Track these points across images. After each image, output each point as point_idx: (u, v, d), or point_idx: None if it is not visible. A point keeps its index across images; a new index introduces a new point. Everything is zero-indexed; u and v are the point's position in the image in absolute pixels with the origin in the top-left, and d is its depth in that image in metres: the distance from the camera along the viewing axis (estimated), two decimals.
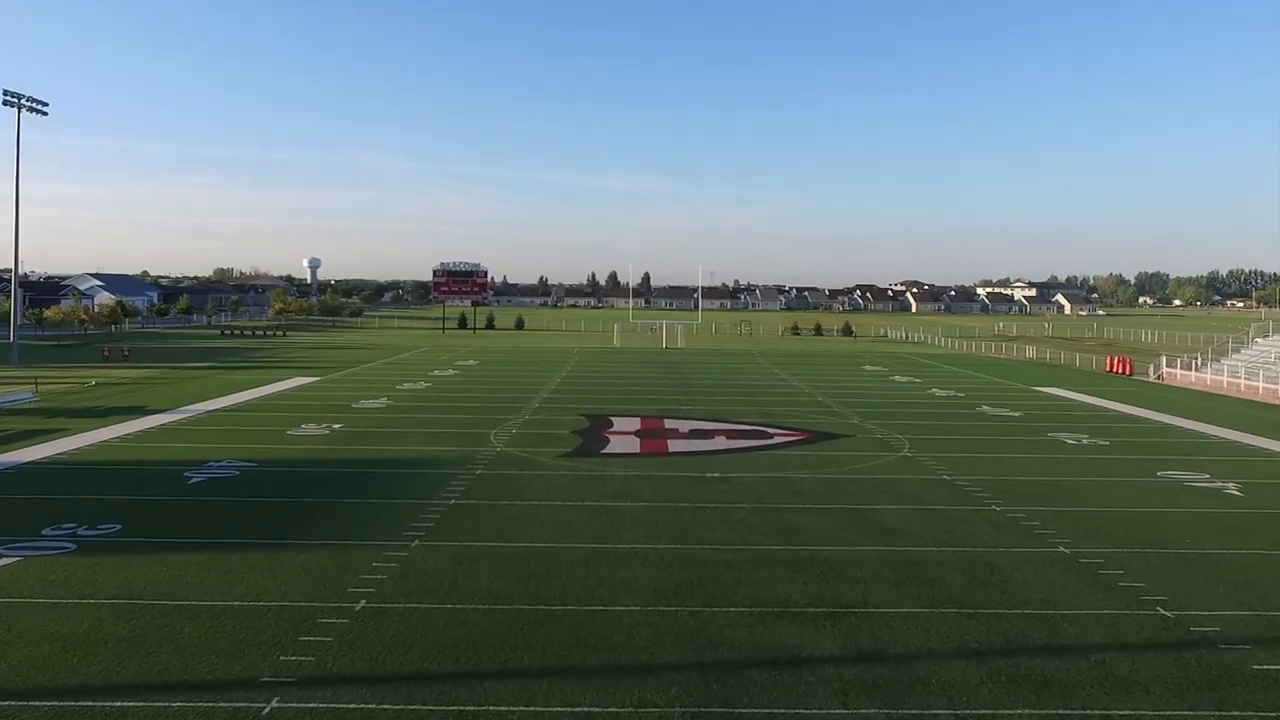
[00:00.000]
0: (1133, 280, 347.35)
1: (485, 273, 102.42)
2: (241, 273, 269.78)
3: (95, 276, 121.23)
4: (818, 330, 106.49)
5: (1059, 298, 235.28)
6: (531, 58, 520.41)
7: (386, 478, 21.67)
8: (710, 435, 28.71)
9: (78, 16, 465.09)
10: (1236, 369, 47.37)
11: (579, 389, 41.65)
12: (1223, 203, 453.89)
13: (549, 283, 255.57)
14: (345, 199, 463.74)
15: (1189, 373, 50.78)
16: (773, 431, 29.77)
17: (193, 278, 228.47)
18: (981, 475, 22.71)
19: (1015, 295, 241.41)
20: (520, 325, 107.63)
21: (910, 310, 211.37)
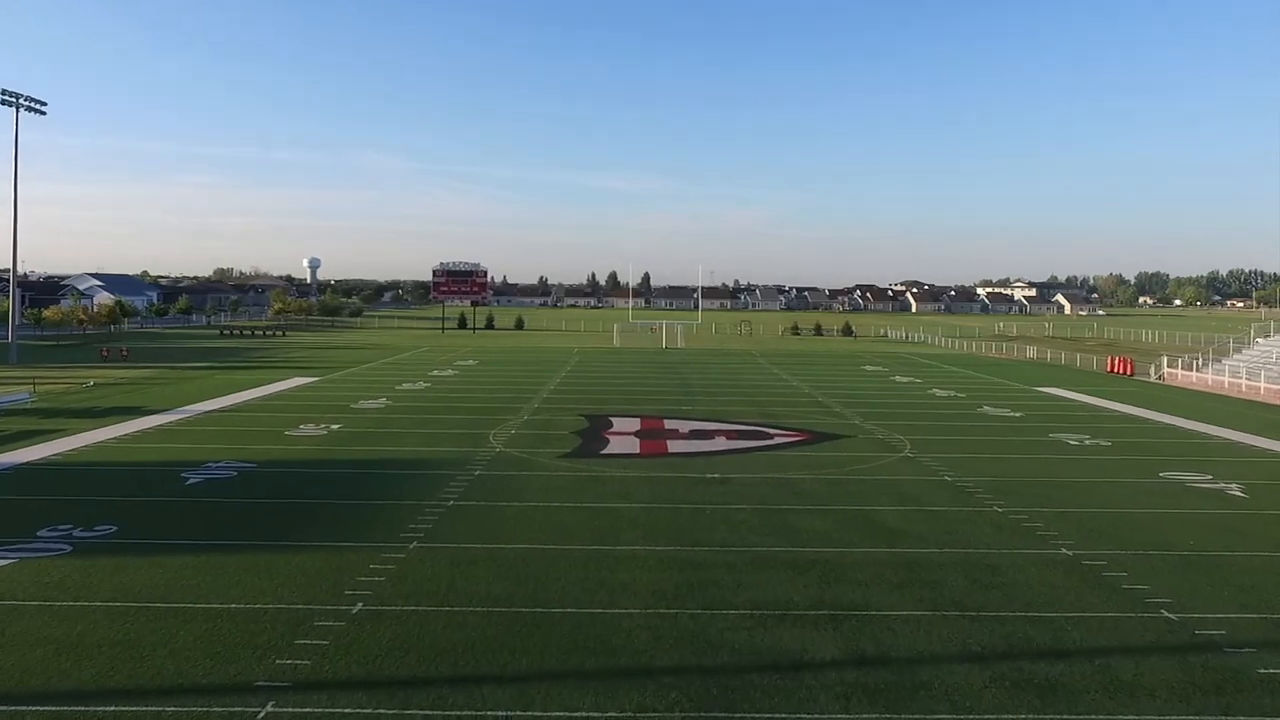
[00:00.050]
0: (1133, 280, 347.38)
1: (485, 273, 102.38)
2: (241, 273, 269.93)
3: (94, 276, 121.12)
4: (818, 330, 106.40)
5: (1059, 298, 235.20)
6: (531, 58, 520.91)
7: (385, 479, 21.56)
8: (710, 436, 28.60)
9: (78, 16, 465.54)
10: (1238, 369, 47.26)
11: (578, 389, 41.54)
12: (1223, 203, 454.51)
13: (549, 283, 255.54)
14: (345, 199, 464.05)
15: (1190, 373, 50.66)
16: (773, 432, 29.65)
17: (192, 278, 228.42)
18: (983, 476, 22.61)
19: (1015, 295, 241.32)
20: (520, 325, 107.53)
21: (910, 310, 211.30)
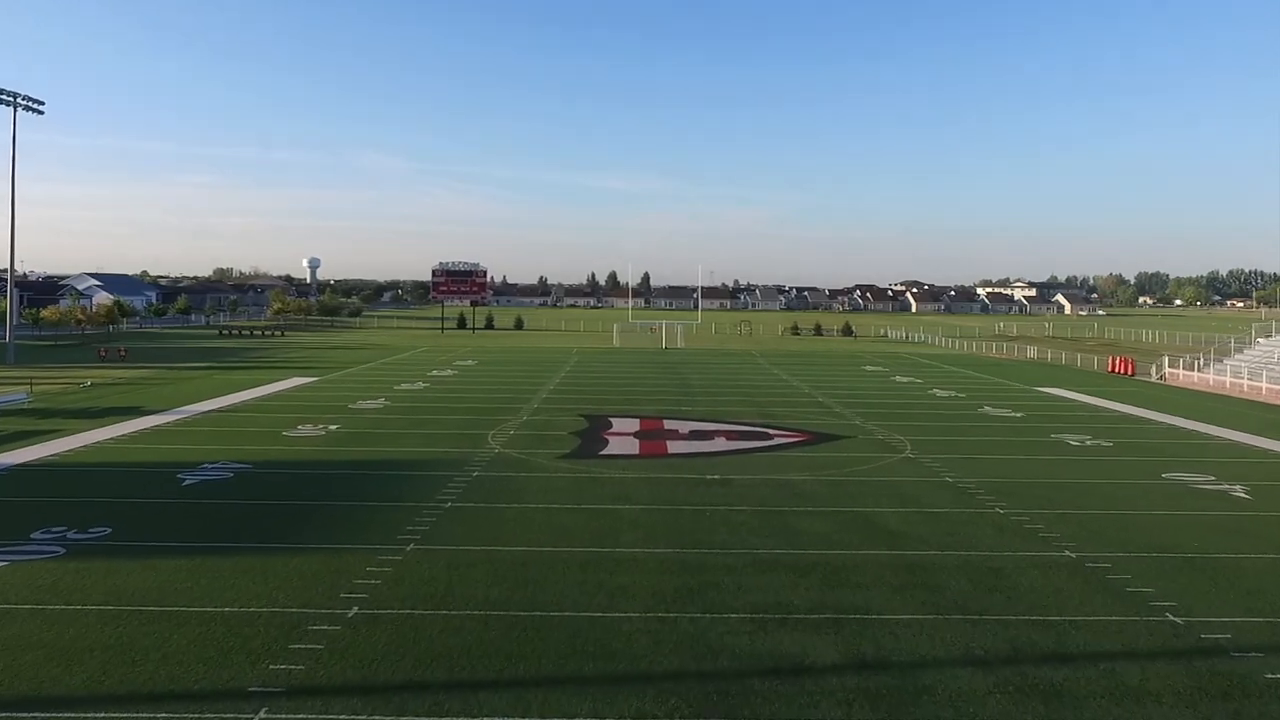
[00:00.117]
0: (1133, 280, 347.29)
1: (484, 272, 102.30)
2: (241, 273, 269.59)
3: (93, 276, 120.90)
4: (818, 330, 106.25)
5: (1059, 298, 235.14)
6: (531, 58, 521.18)
7: (383, 480, 21.41)
8: (710, 436, 28.45)
9: (78, 16, 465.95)
10: (1239, 369, 47.12)
11: (578, 389, 41.39)
12: (1223, 203, 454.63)
13: (548, 282, 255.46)
14: (345, 199, 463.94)
15: (1191, 373, 50.52)
16: (773, 432, 29.51)
17: (192, 278, 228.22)
18: (984, 477, 22.46)
19: (1015, 295, 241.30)
20: (519, 325, 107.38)
21: (910, 310, 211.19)
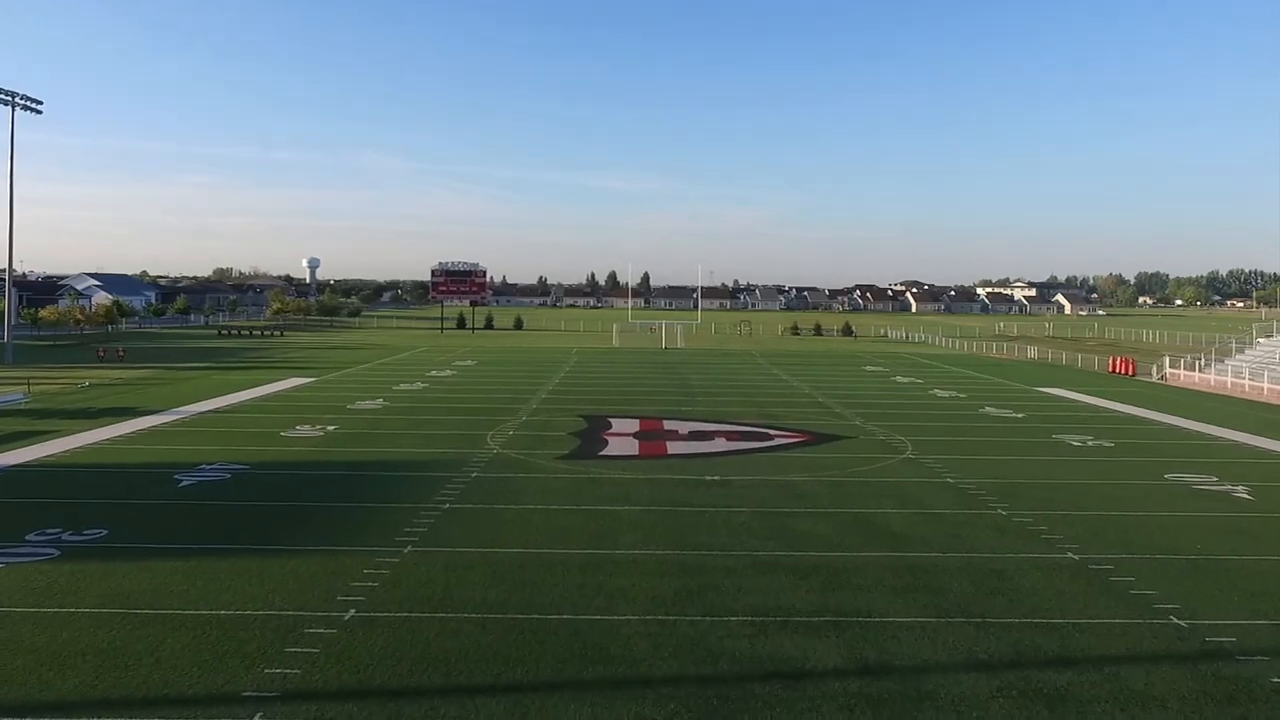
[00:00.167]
0: (1133, 280, 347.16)
1: (484, 272, 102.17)
2: (241, 273, 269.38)
3: (92, 276, 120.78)
4: (818, 330, 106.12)
5: (1059, 298, 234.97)
6: (531, 58, 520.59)
7: (381, 481, 21.29)
8: (710, 437, 28.32)
9: (78, 16, 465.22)
10: (1240, 369, 46.99)
11: (577, 390, 41.26)
12: (1223, 203, 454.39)
13: (548, 282, 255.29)
14: (345, 199, 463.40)
15: (1192, 373, 50.39)
16: (773, 433, 29.38)
17: (192, 278, 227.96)
18: (985, 478, 22.34)
19: (1015, 295, 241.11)
20: (519, 325, 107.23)
21: (910, 310, 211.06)
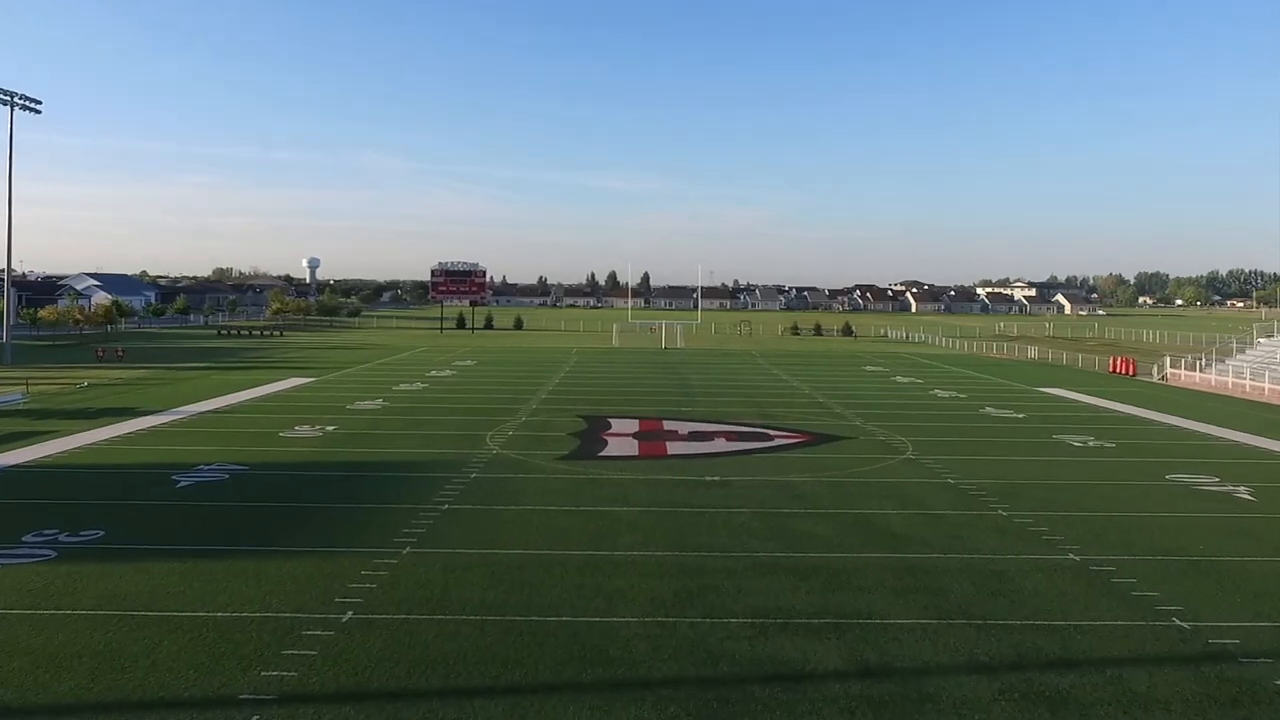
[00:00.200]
0: (1132, 280, 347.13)
1: (483, 272, 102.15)
2: (240, 273, 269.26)
3: (92, 276, 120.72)
4: (817, 330, 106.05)
5: (1059, 298, 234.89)
6: (531, 58, 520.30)
7: (379, 481, 21.22)
8: (710, 437, 28.25)
9: (78, 16, 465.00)
10: (1241, 370, 46.93)
11: (577, 390, 41.19)
12: (1223, 203, 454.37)
13: (548, 282, 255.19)
14: (345, 199, 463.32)
15: (1193, 373, 50.32)
16: (773, 433, 29.31)
17: (191, 277, 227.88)
18: (986, 478, 22.26)
19: (1015, 295, 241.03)
20: (519, 325, 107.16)
21: (910, 310, 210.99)
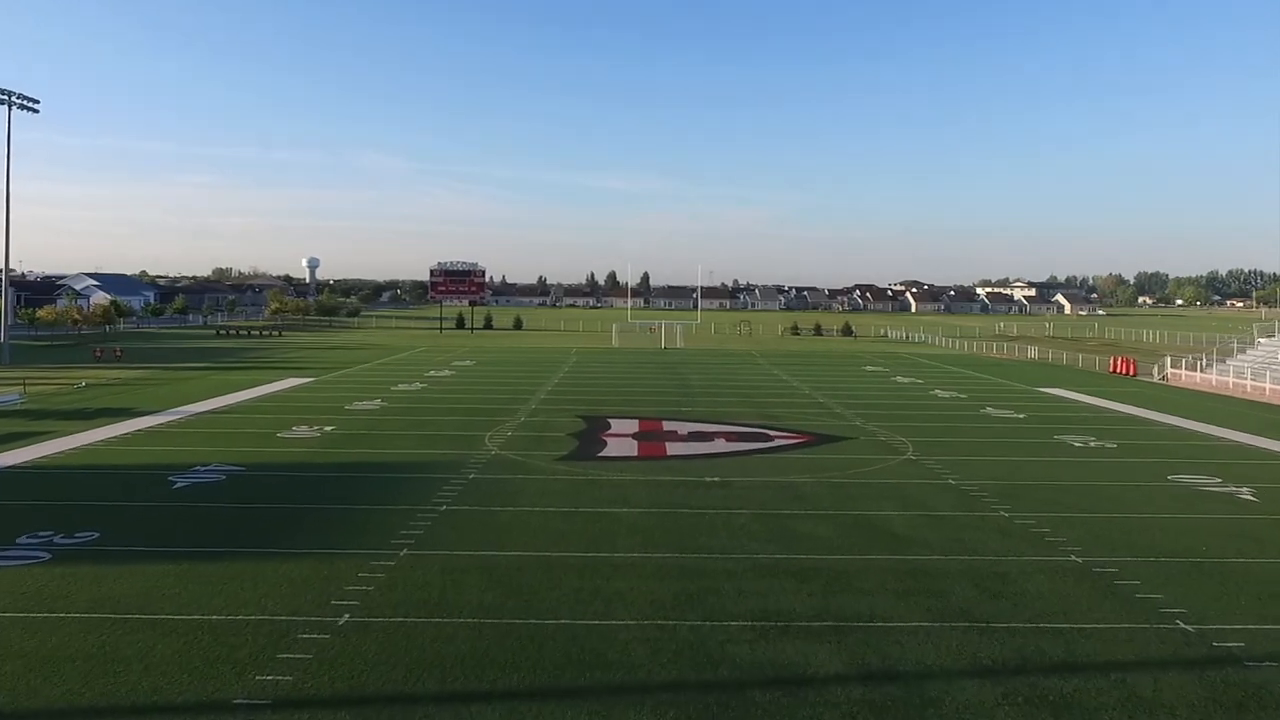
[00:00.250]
0: (1132, 280, 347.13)
1: (483, 272, 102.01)
2: (240, 273, 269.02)
3: (91, 276, 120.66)
4: (817, 330, 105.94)
5: (1059, 298, 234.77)
6: (531, 58, 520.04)
7: (377, 482, 21.10)
8: (710, 438, 28.12)
9: (78, 16, 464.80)
10: (1242, 370, 46.81)
11: (576, 390, 41.06)
12: (1223, 203, 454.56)
13: (548, 282, 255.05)
14: (345, 199, 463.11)
15: (1194, 373, 50.20)
16: (773, 434, 29.19)
17: (191, 277, 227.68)
18: (988, 479, 22.14)
19: (1015, 295, 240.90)
20: (518, 325, 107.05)
21: (910, 310, 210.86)
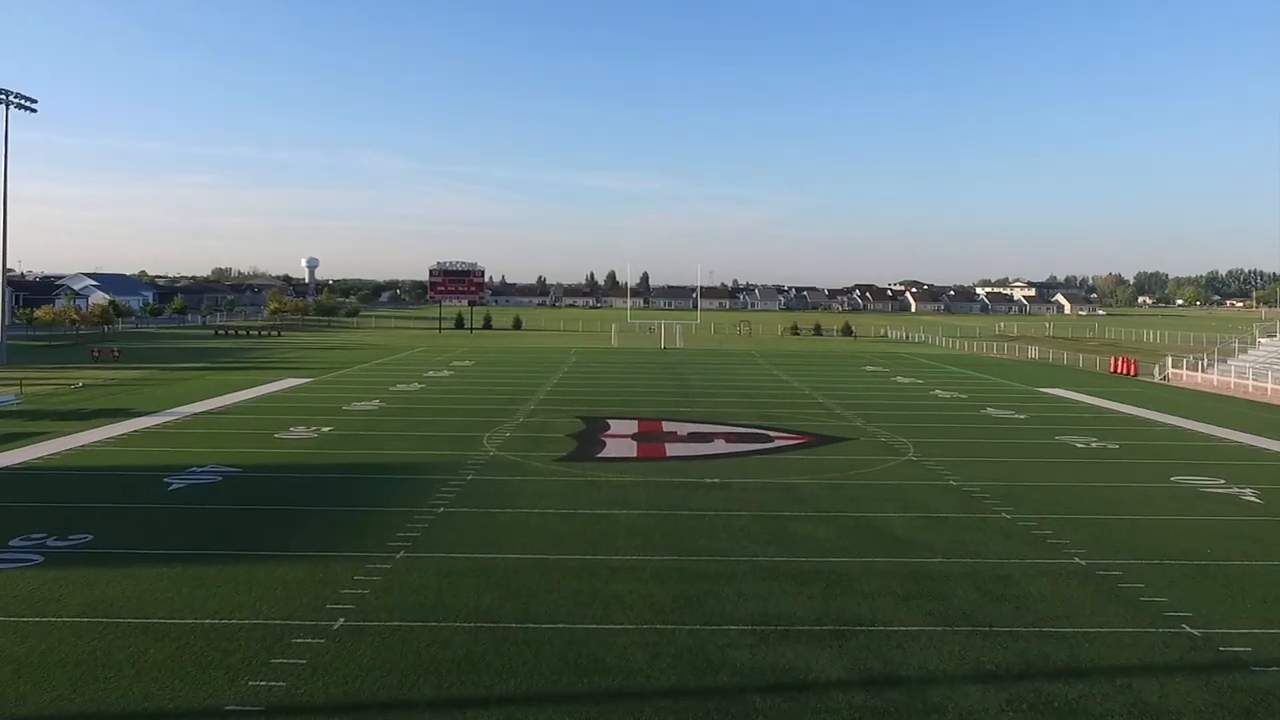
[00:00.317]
0: (1132, 280, 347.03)
1: (482, 272, 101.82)
2: (240, 273, 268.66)
3: (89, 276, 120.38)
4: (817, 330, 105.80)
5: (1059, 298, 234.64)
6: (531, 58, 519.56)
7: (375, 484, 20.95)
8: (709, 439, 27.98)
9: (78, 16, 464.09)
10: (1243, 370, 46.68)
11: (576, 390, 40.92)
12: (1223, 203, 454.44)
13: (547, 282, 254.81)
14: (345, 199, 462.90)
15: (1195, 373, 50.06)
16: (773, 434, 29.04)
17: (191, 277, 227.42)
18: (989, 480, 22.00)
19: (1015, 295, 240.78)
20: (517, 325, 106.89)
21: (910, 310, 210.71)
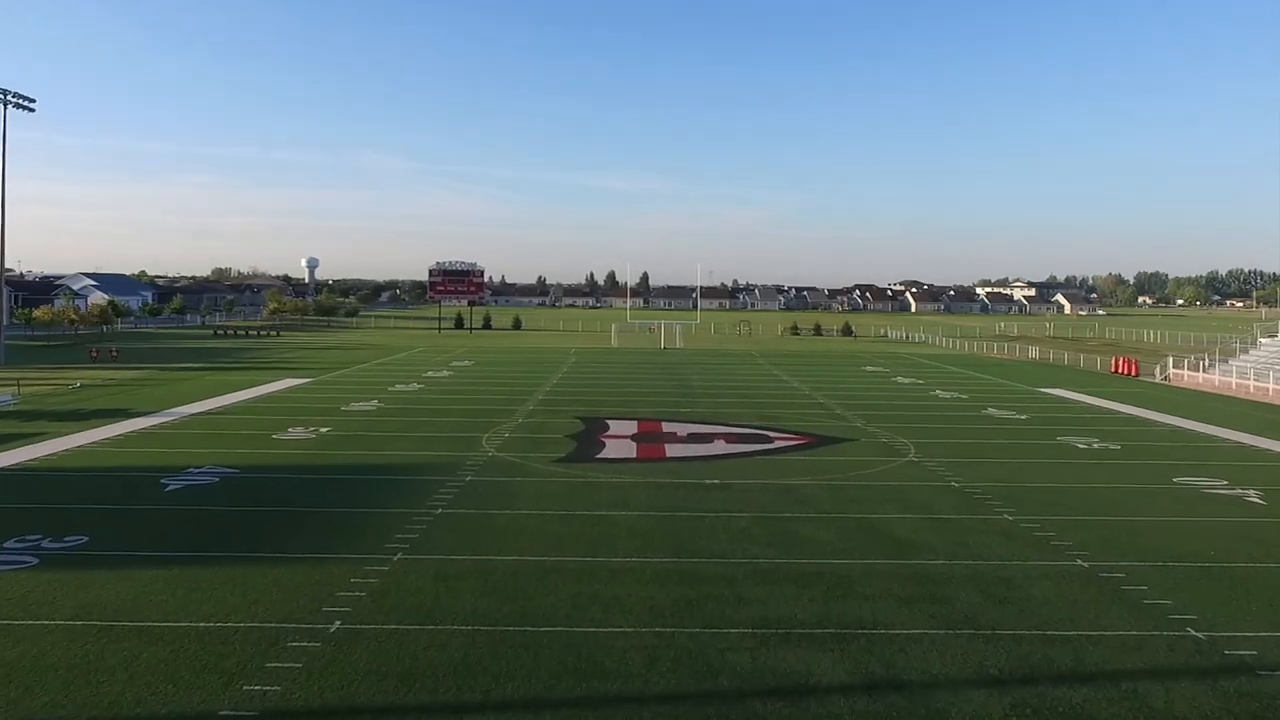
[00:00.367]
0: (1132, 280, 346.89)
1: (481, 272, 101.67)
2: (239, 273, 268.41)
3: (89, 276, 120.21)
4: (817, 330, 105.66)
5: (1059, 298, 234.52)
6: (531, 58, 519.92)
7: (373, 485, 20.82)
8: (709, 439, 27.85)
9: (78, 16, 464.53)
10: (1245, 370, 46.54)
11: (575, 391, 40.79)
12: (1223, 203, 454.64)
13: (547, 282, 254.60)
14: (345, 199, 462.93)
15: (1196, 373, 49.94)
16: (774, 435, 28.92)
17: (190, 277, 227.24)
18: (990, 481, 21.88)
19: (1015, 295, 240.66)
20: (517, 325, 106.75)
21: (910, 310, 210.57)
